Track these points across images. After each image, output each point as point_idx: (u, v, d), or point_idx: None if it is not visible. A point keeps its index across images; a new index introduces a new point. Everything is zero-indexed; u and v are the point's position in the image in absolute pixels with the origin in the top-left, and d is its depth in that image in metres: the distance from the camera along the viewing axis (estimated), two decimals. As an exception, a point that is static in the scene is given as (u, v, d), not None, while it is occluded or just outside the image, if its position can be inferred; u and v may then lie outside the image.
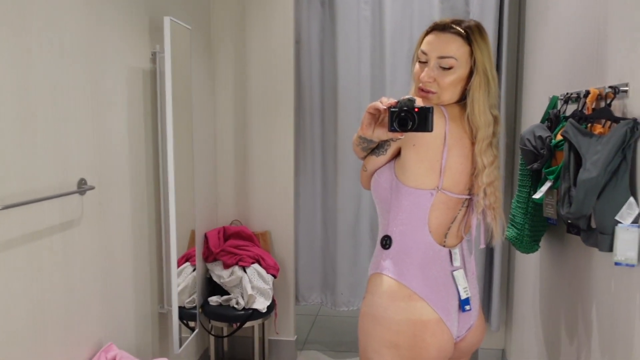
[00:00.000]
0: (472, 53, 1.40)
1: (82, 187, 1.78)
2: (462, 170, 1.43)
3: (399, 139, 1.39)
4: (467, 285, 1.50)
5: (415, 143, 1.37)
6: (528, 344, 2.43)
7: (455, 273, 1.48)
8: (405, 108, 1.28)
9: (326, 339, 3.52)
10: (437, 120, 1.37)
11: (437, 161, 1.39)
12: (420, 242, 1.44)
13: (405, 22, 2.96)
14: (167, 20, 2.13)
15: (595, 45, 1.61)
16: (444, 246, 1.47)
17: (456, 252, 1.49)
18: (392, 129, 1.30)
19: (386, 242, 1.47)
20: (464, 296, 1.49)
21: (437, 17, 2.85)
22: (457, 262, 1.49)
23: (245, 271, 2.81)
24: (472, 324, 1.54)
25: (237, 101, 3.07)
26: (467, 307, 1.50)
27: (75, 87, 1.75)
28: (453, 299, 1.47)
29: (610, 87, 1.41)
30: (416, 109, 1.28)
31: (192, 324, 2.66)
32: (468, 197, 1.47)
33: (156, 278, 2.36)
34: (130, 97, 2.11)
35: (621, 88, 1.38)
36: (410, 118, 1.28)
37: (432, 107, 1.29)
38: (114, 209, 2.00)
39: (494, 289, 2.86)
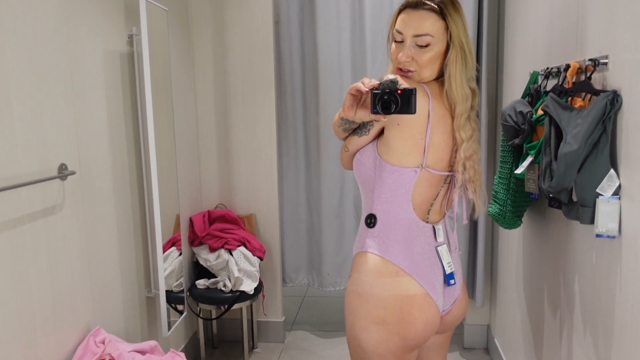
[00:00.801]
0: (447, 27, 1.39)
1: (63, 172, 1.75)
2: (445, 147, 1.44)
3: (383, 120, 1.38)
4: (450, 260, 1.52)
5: (400, 122, 1.37)
6: (512, 318, 2.47)
7: (439, 248, 1.50)
8: (387, 90, 1.27)
9: (314, 319, 3.55)
10: (421, 99, 1.37)
11: (421, 139, 1.39)
12: (404, 219, 1.45)
13: (385, 1, 2.95)
14: (142, 2, 2.09)
15: (575, 18, 1.61)
16: (427, 222, 1.48)
17: (439, 228, 1.50)
18: (374, 111, 1.29)
19: (371, 220, 1.47)
20: (448, 271, 1.51)
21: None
22: (440, 238, 1.50)
23: (231, 254, 2.81)
24: (457, 298, 1.57)
25: (218, 83, 3.03)
26: (452, 282, 1.52)
27: (51, 71, 1.72)
28: (438, 273, 1.48)
29: (590, 60, 1.41)
30: (399, 91, 1.27)
31: (180, 307, 2.66)
32: (450, 173, 1.48)
33: (142, 262, 2.35)
34: (108, 80, 2.08)
35: (601, 61, 1.38)
36: (393, 101, 1.27)
37: (415, 89, 1.28)
38: (96, 193, 1.98)
39: (478, 265, 2.90)
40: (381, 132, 1.44)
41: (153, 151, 2.19)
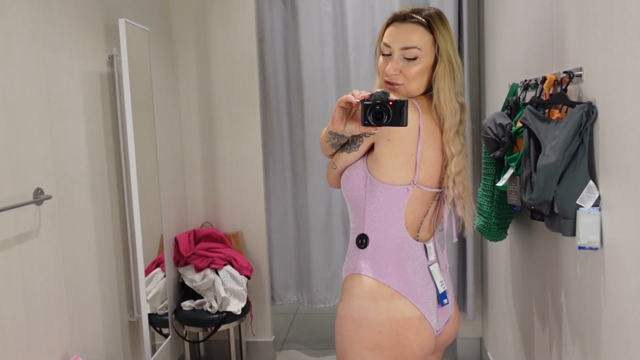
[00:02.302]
0: (435, 41, 1.38)
1: (39, 196, 1.72)
2: (435, 163, 1.42)
3: (372, 133, 1.36)
4: (442, 278, 1.49)
5: (390, 138, 1.35)
6: (504, 331, 2.44)
7: (431, 267, 1.47)
8: (379, 101, 1.25)
9: (305, 337, 3.50)
10: (411, 114, 1.35)
11: (412, 155, 1.37)
12: (397, 238, 1.42)
13: (367, 16, 2.96)
14: (122, 22, 2.08)
15: (551, 31, 1.61)
16: (418, 241, 1.45)
17: (430, 246, 1.48)
18: (365, 123, 1.27)
19: (362, 241, 1.43)
20: (441, 290, 1.48)
21: (397, 9, 2.85)
22: (432, 257, 1.48)
23: (217, 274, 2.77)
24: (450, 317, 1.54)
25: (202, 102, 3.02)
26: (445, 301, 1.49)
27: (27, 93, 1.70)
28: (432, 293, 1.46)
29: (565, 72, 1.41)
30: (390, 102, 1.25)
31: (165, 330, 2.62)
32: (440, 190, 1.46)
33: (124, 286, 2.31)
34: (87, 101, 2.06)
35: (575, 73, 1.38)
36: (385, 111, 1.25)
37: (407, 101, 1.26)
38: (74, 218, 1.95)
39: (468, 278, 2.88)
40: (370, 149, 1.41)
41: (134, 172, 2.17)
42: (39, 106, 1.76)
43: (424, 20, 1.38)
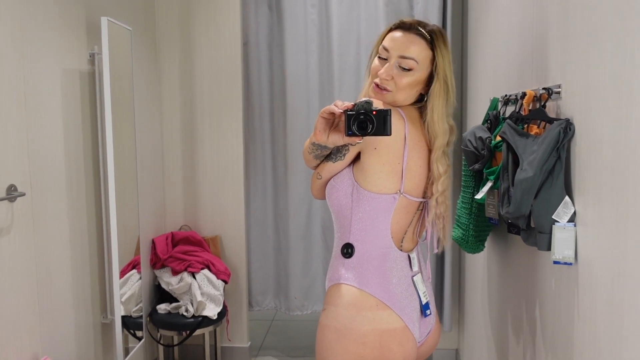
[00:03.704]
0: (433, 58, 1.39)
1: (12, 193, 1.69)
2: (421, 173, 1.43)
3: (357, 143, 1.35)
4: (425, 289, 1.49)
5: (377, 146, 1.35)
6: (479, 343, 2.45)
7: (415, 278, 1.47)
8: (362, 110, 1.25)
9: (281, 344, 3.48)
10: (397, 122, 1.36)
11: (398, 164, 1.37)
12: (382, 247, 1.41)
13: (352, 25, 2.97)
14: (104, 21, 2.06)
15: (531, 48, 1.63)
16: (401, 251, 1.45)
17: (414, 256, 1.48)
18: (349, 133, 1.26)
19: (347, 250, 1.42)
20: (424, 301, 1.48)
21: (382, 21, 2.87)
22: (415, 267, 1.48)
23: (194, 277, 2.74)
24: (431, 328, 1.54)
25: (185, 104, 3.00)
26: (428, 312, 1.49)
27: (3, 88, 1.67)
28: (415, 304, 1.45)
29: (544, 88, 1.42)
30: (374, 112, 1.25)
31: (139, 333, 2.58)
32: (424, 200, 1.47)
33: (98, 287, 2.27)
34: (66, 99, 2.03)
35: (555, 90, 1.39)
36: (369, 121, 1.24)
37: (390, 110, 1.26)
38: (48, 216, 1.92)
39: (445, 289, 2.89)
40: (356, 158, 1.41)
41: (112, 172, 2.14)
42: (15, 102, 1.73)
43: (427, 35, 1.39)
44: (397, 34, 1.40)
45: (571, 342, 1.35)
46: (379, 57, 1.43)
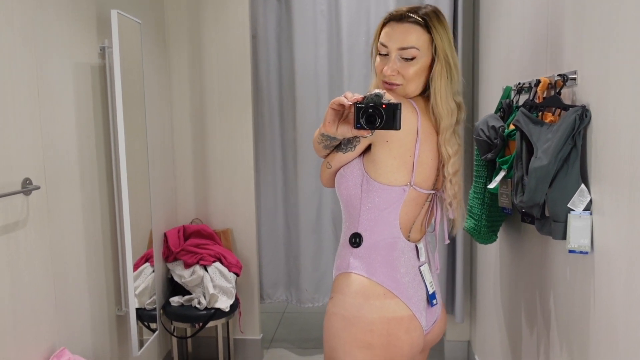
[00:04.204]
0: (432, 41, 1.37)
1: (27, 186, 1.70)
2: (432, 166, 1.42)
3: (365, 136, 1.35)
4: (432, 279, 1.49)
5: (389, 139, 1.34)
6: (492, 334, 2.44)
7: (422, 268, 1.47)
8: (372, 104, 1.23)
9: (293, 336, 3.49)
10: (409, 115, 1.35)
11: (409, 157, 1.37)
12: (390, 238, 1.41)
13: (362, 16, 2.95)
14: (114, 14, 2.06)
15: (545, 34, 1.62)
16: (409, 241, 1.45)
17: (422, 247, 1.48)
18: (358, 126, 1.25)
19: (355, 240, 1.42)
20: (431, 290, 1.48)
21: (393, 9, 2.85)
22: (422, 257, 1.48)
23: (206, 270, 2.76)
24: (437, 317, 1.54)
25: (194, 97, 3.00)
26: (435, 301, 1.49)
27: (15, 84, 1.67)
28: (422, 294, 1.46)
29: (559, 75, 1.41)
30: (384, 105, 1.23)
31: (153, 325, 2.60)
32: (433, 192, 1.46)
33: (112, 279, 2.29)
34: (78, 93, 2.03)
35: (570, 76, 1.38)
36: (378, 115, 1.23)
37: (400, 104, 1.25)
38: (63, 209, 1.93)
39: (457, 280, 2.88)
40: (367, 148, 1.40)
41: (124, 165, 2.15)
42: (28, 96, 1.74)
43: (421, 19, 1.37)
44: (391, 27, 1.39)
45: (587, 332, 1.34)
46: (380, 55, 1.42)
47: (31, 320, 1.74)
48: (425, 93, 1.45)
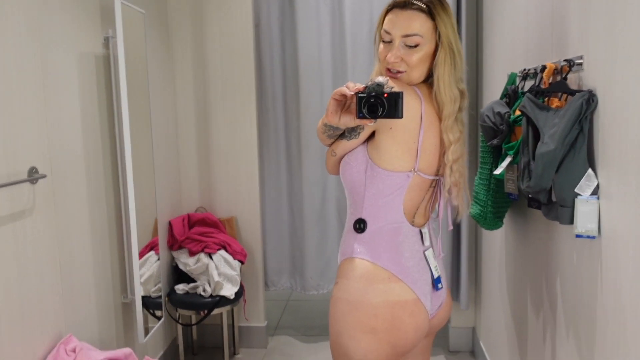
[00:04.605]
0: (436, 28, 1.37)
1: (33, 175, 1.71)
2: (435, 152, 1.42)
3: (368, 125, 1.35)
4: (437, 263, 1.50)
5: (392, 126, 1.35)
6: (497, 320, 2.45)
7: (426, 252, 1.48)
8: (374, 94, 1.24)
9: (297, 323, 3.51)
10: (413, 102, 1.35)
11: (413, 143, 1.38)
12: (395, 223, 1.42)
13: (365, 5, 2.94)
14: (118, 4, 2.05)
15: (551, 19, 1.61)
16: (413, 226, 1.46)
17: (426, 231, 1.49)
18: (360, 116, 1.26)
19: (360, 225, 1.43)
20: (435, 275, 1.49)
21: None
22: (427, 242, 1.49)
23: (211, 258, 2.77)
24: (442, 301, 1.55)
25: (198, 87, 3.00)
26: (440, 285, 1.50)
27: (21, 73, 1.67)
28: (427, 278, 1.46)
29: (565, 60, 1.40)
30: (385, 95, 1.24)
31: (158, 313, 2.62)
32: (437, 177, 1.47)
33: (118, 267, 2.30)
34: (82, 83, 2.03)
35: (576, 61, 1.37)
36: (380, 104, 1.23)
37: (402, 93, 1.25)
38: (69, 198, 1.94)
39: (462, 267, 2.89)
40: (371, 135, 1.41)
41: (129, 154, 2.15)
42: (33, 85, 1.74)
43: (424, 6, 1.36)
44: (394, 14, 1.38)
45: (594, 316, 1.35)
46: (383, 42, 1.42)
47: (38, 308, 1.75)
48: (428, 80, 1.45)
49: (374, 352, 1.38)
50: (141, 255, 2.38)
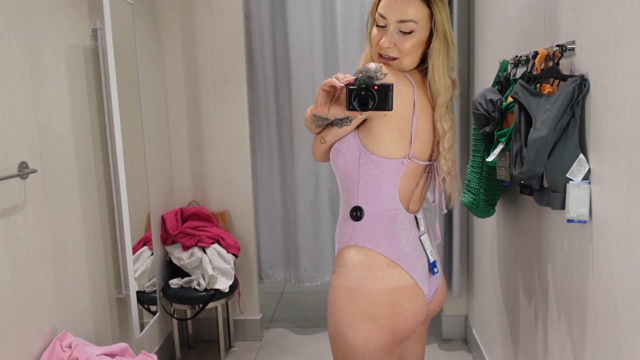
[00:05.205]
0: (431, 15, 1.37)
1: (23, 170, 1.69)
2: (428, 138, 1.43)
3: (358, 117, 1.35)
4: (432, 248, 1.51)
5: (386, 113, 1.34)
6: (489, 308, 2.47)
7: (422, 237, 1.49)
8: (364, 86, 1.23)
9: (292, 315, 3.52)
10: (406, 89, 1.35)
11: (407, 129, 1.38)
12: (391, 210, 1.42)
13: (355, -8, 2.93)
14: (106, -6, 2.03)
15: (542, 5, 1.61)
16: (408, 212, 1.46)
17: (420, 217, 1.50)
18: (350, 108, 1.26)
19: (356, 213, 1.43)
20: (432, 259, 1.51)
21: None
22: (422, 227, 1.50)
23: (205, 252, 2.76)
24: (438, 286, 1.57)
25: (188, 79, 2.98)
26: (436, 270, 1.52)
27: (9, 66, 1.65)
28: (424, 263, 1.48)
29: (557, 46, 1.41)
30: (376, 87, 1.24)
31: (153, 308, 2.61)
32: (430, 163, 1.48)
33: (112, 263, 2.29)
34: (71, 75, 2.01)
35: (568, 46, 1.38)
36: (370, 96, 1.23)
37: (392, 85, 1.25)
38: (60, 192, 1.92)
39: (454, 255, 2.90)
40: (362, 122, 1.41)
41: (120, 148, 2.13)
42: (21, 78, 1.72)
43: None
44: None
45: (585, 300, 1.36)
46: (377, 26, 1.41)
47: (32, 305, 1.74)
48: (420, 67, 1.45)
49: (374, 339, 1.38)
50: (134, 250, 2.37)
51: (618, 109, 1.15)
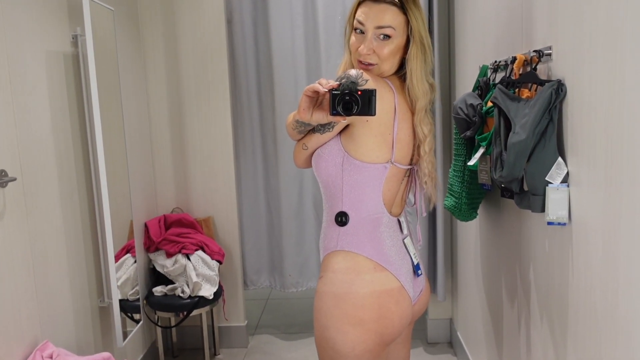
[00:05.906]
0: (407, 22, 1.39)
1: (2, 178, 1.67)
2: (409, 142, 1.45)
3: (341, 122, 1.36)
4: (415, 251, 1.53)
5: (368, 119, 1.35)
6: (473, 311, 2.49)
7: (405, 240, 1.51)
8: (347, 91, 1.25)
9: (277, 322, 3.51)
10: (387, 95, 1.37)
11: (389, 134, 1.40)
12: (376, 214, 1.44)
13: (337, -2, 2.94)
14: (86, 1, 2.02)
15: (520, 11, 1.63)
16: (391, 216, 1.48)
17: (403, 220, 1.52)
18: (334, 113, 1.27)
19: (342, 218, 1.44)
20: (415, 261, 1.52)
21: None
22: (405, 230, 1.52)
23: (189, 259, 2.74)
24: (422, 288, 1.58)
25: (171, 85, 2.97)
26: (420, 272, 1.54)
27: (-13, 72, 1.63)
28: (408, 265, 1.49)
29: (534, 51, 1.43)
30: (359, 92, 1.25)
31: (137, 316, 2.58)
32: (411, 167, 1.50)
33: (94, 271, 2.27)
34: (51, 82, 1.99)
35: (545, 52, 1.40)
36: (354, 101, 1.25)
37: (375, 90, 1.27)
38: (41, 200, 1.90)
39: (438, 259, 2.92)
40: (344, 128, 1.42)
41: (102, 155, 2.12)
42: (0, 85, 1.70)
43: (397, 0, 1.38)
44: (368, 6, 1.40)
45: (566, 300, 1.38)
46: (355, 32, 1.43)
47: (12, 314, 1.71)
48: (399, 73, 1.47)
49: (361, 343, 1.39)
50: (117, 258, 2.35)
51: (594, 113, 1.18)
